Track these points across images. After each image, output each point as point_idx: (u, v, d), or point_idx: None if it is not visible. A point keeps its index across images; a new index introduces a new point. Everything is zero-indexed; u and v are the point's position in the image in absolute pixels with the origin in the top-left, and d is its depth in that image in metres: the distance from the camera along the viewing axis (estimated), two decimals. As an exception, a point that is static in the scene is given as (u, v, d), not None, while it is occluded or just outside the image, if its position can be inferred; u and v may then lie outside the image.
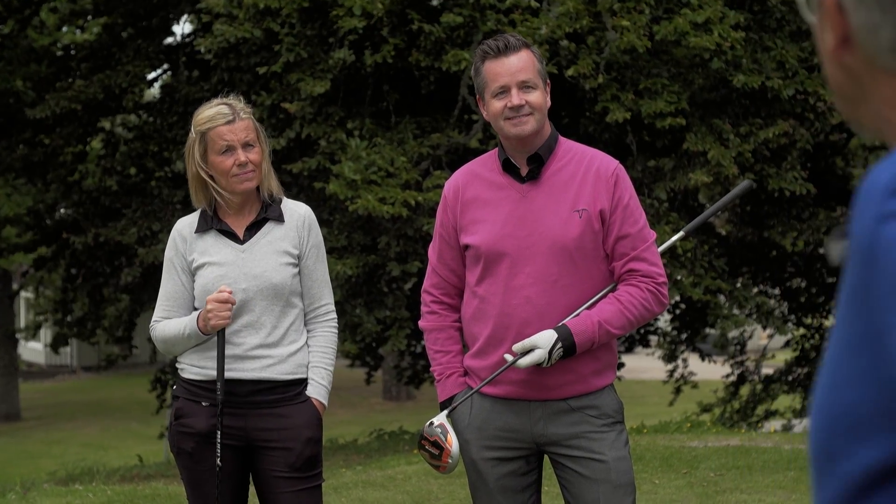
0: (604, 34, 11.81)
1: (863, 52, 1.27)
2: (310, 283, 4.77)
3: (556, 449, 4.30)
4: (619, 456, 4.27)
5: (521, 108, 4.19)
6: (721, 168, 11.75)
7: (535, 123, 4.21)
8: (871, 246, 1.16)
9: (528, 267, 4.18)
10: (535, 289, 4.19)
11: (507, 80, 4.20)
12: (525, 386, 4.26)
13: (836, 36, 1.29)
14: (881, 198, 1.17)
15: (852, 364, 1.20)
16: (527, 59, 4.23)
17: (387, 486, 9.32)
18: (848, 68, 1.30)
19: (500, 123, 4.24)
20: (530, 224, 4.22)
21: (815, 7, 1.33)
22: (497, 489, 4.35)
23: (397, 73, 12.96)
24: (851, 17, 1.27)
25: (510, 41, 4.23)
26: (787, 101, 12.41)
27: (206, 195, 4.73)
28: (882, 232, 1.15)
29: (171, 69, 16.78)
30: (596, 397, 4.30)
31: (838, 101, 1.35)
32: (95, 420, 29.07)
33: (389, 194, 11.39)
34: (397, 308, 12.82)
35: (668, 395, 20.14)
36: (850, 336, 1.20)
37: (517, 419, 4.30)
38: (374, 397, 32.06)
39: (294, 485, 4.68)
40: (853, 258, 1.19)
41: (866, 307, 1.17)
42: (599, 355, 4.29)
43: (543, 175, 4.27)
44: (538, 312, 4.19)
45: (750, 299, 13.16)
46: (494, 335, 4.26)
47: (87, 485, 10.81)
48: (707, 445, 10.57)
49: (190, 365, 4.74)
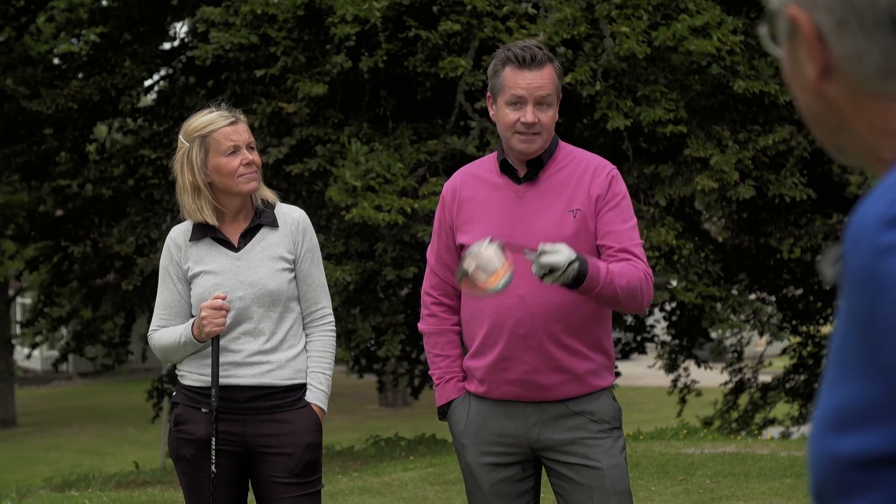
0: (601, 41, 11.82)
1: (846, 81, 1.26)
2: (306, 288, 4.76)
3: (551, 455, 4.28)
4: (615, 463, 4.25)
5: (534, 125, 4.19)
6: (723, 174, 11.75)
7: (542, 142, 4.23)
8: (872, 279, 1.16)
9: (523, 266, 4.13)
10: (528, 288, 4.17)
11: (524, 94, 4.19)
12: (521, 386, 4.25)
13: (816, 66, 1.28)
14: (876, 229, 1.17)
15: (858, 392, 1.19)
16: (548, 76, 4.21)
17: (383, 492, 9.31)
18: (827, 98, 1.29)
19: (509, 135, 4.23)
20: (525, 224, 4.23)
21: (784, 39, 1.32)
22: (493, 495, 4.33)
23: (394, 79, 12.97)
24: (834, 46, 1.26)
25: (537, 55, 4.20)
26: (784, 107, 12.42)
27: (200, 205, 4.69)
28: (883, 266, 1.15)
29: (168, 75, 16.78)
30: (593, 400, 4.29)
31: (816, 131, 1.34)
32: (92, 426, 29.03)
33: (386, 202, 11.39)
34: (392, 314, 12.81)
35: (663, 401, 20.15)
36: (854, 363, 1.20)
37: (513, 424, 4.29)
38: (370, 404, 32.04)
39: (294, 490, 4.67)
40: (852, 287, 1.19)
41: (874, 338, 1.17)
42: (594, 356, 4.29)
43: (541, 177, 4.28)
44: (531, 312, 4.20)
45: (745, 304, 13.16)
46: (490, 335, 4.27)
47: (83, 491, 10.80)
48: (703, 452, 10.57)
49: (189, 372, 4.73)
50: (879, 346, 1.16)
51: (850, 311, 1.20)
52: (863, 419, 1.19)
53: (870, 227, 1.17)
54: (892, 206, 1.17)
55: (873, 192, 1.20)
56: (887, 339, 1.15)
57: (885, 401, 1.17)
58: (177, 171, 4.73)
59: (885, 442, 1.18)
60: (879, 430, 1.18)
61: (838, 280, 1.22)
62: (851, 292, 1.19)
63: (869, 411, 1.18)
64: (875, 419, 1.18)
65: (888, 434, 1.17)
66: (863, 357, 1.19)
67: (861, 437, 1.19)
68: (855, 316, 1.19)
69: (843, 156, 1.33)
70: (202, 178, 4.66)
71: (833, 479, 1.22)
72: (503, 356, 4.25)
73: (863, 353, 1.18)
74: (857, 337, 1.19)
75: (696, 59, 11.70)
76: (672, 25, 11.64)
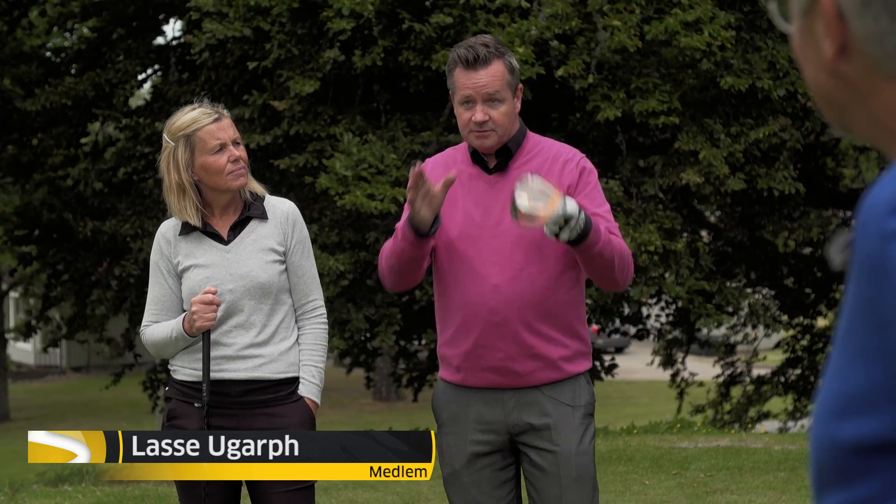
0: (594, 35, 11.80)
1: (864, 60, 1.25)
2: (297, 280, 4.74)
3: (525, 439, 4.33)
4: (583, 450, 4.31)
5: (485, 123, 4.25)
6: (712, 168, 11.77)
7: (497, 138, 4.29)
8: (879, 264, 1.16)
9: (496, 255, 4.24)
10: (502, 277, 4.24)
11: (472, 94, 4.26)
12: (497, 373, 4.30)
13: (834, 44, 1.27)
14: (884, 215, 1.16)
15: (861, 378, 1.19)
16: (495, 72, 4.25)
17: (377, 486, 9.30)
18: (843, 76, 1.28)
19: (465, 133, 4.32)
20: (497, 213, 4.27)
21: (797, 15, 1.31)
22: (472, 483, 4.36)
23: (388, 73, 12.95)
24: (854, 24, 1.25)
25: (480, 53, 4.24)
26: (777, 101, 12.42)
27: (184, 205, 4.66)
28: (890, 251, 1.15)
29: (162, 70, 16.73)
30: (569, 386, 4.34)
31: (825, 107, 1.33)
32: (85, 420, 29.00)
33: (379, 191, 11.39)
34: (386, 305, 12.81)
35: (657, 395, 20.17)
36: (859, 348, 1.19)
37: (491, 411, 4.32)
38: (363, 398, 32.02)
39: (287, 485, 4.65)
40: (859, 272, 1.19)
41: (878, 323, 1.17)
42: (568, 343, 4.33)
43: (511, 167, 4.34)
44: (506, 301, 4.24)
45: (741, 296, 13.16)
46: (464, 322, 4.31)
47: (76, 486, 10.79)
48: (697, 446, 10.57)
49: (182, 366, 4.71)
50: (884, 332, 1.16)
51: (856, 297, 1.20)
52: (864, 405, 1.18)
53: (878, 212, 1.17)
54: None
55: (884, 177, 1.19)
56: (892, 324, 1.15)
57: (885, 387, 1.17)
58: (163, 171, 4.71)
59: (884, 428, 1.17)
60: (880, 416, 1.17)
61: (846, 266, 1.21)
62: (858, 278, 1.19)
63: (870, 397, 1.18)
64: (876, 405, 1.18)
65: (887, 419, 1.17)
66: (867, 343, 1.18)
67: (862, 423, 1.19)
68: (861, 301, 1.19)
69: (849, 134, 1.33)
70: (188, 178, 4.64)
71: (833, 466, 1.22)
72: (479, 344, 4.28)
73: (867, 338, 1.18)
74: (863, 323, 1.19)
75: (689, 53, 11.70)
76: (664, 20, 11.64)
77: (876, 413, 1.17)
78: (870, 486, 1.19)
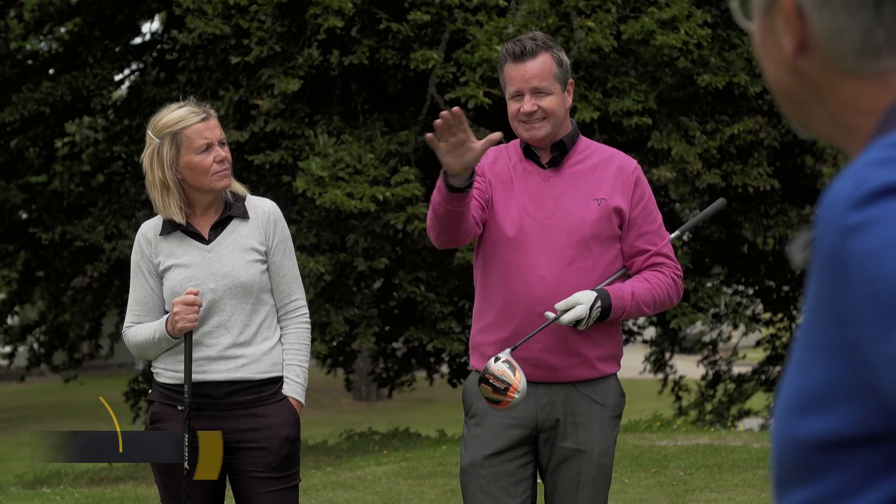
0: (571, 34, 11.80)
1: (823, 57, 1.26)
2: (278, 280, 4.74)
3: (551, 434, 4.36)
4: (606, 451, 4.37)
5: (534, 113, 4.31)
6: (685, 164, 11.81)
7: (550, 127, 4.34)
8: (840, 258, 1.16)
9: (546, 247, 4.29)
10: (549, 269, 4.29)
11: (520, 86, 4.32)
12: (532, 365, 4.29)
13: (794, 41, 1.27)
14: (844, 210, 1.17)
15: (823, 373, 1.19)
16: (543, 65, 4.31)
17: (356, 486, 9.29)
18: (802, 73, 1.28)
19: (515, 125, 4.37)
20: (550, 206, 4.34)
21: (757, 13, 1.31)
22: (491, 477, 4.36)
23: (366, 72, 12.93)
24: (813, 21, 1.25)
25: (527, 46, 4.31)
26: (754, 98, 12.46)
27: (168, 203, 4.64)
28: (850, 246, 1.15)
29: (140, 69, 16.67)
30: (602, 386, 4.39)
31: (785, 105, 1.34)
32: (64, 422, 28.89)
33: (357, 190, 11.37)
34: (365, 306, 12.78)
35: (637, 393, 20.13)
36: (820, 344, 1.20)
37: (523, 405, 4.29)
38: (343, 398, 31.97)
39: (271, 485, 4.66)
40: (820, 267, 1.19)
41: (839, 317, 1.17)
42: (605, 343, 4.38)
43: (564, 164, 4.40)
44: (550, 292, 4.27)
45: (718, 295, 13.18)
46: (505, 310, 4.34)
47: (55, 487, 10.75)
48: (676, 444, 10.58)
49: (164, 369, 4.70)
50: (844, 327, 1.16)
51: (817, 293, 1.20)
52: (825, 401, 1.19)
53: (838, 207, 1.17)
54: (859, 186, 1.16)
55: (842, 174, 1.19)
56: (852, 319, 1.15)
57: (847, 382, 1.17)
58: (146, 167, 4.69)
59: (846, 423, 1.17)
60: (840, 411, 1.18)
61: (807, 264, 1.21)
62: (820, 273, 1.19)
63: (831, 393, 1.18)
64: (837, 401, 1.18)
65: (848, 415, 1.17)
66: (828, 338, 1.18)
67: (823, 418, 1.19)
68: (822, 297, 1.19)
69: (808, 131, 1.33)
70: (172, 176, 4.62)
71: (794, 462, 1.22)
72: (517, 333, 4.30)
73: (828, 334, 1.18)
74: (824, 318, 1.19)
75: (666, 52, 11.72)
76: (640, 19, 11.66)
77: (837, 408, 1.18)
78: (831, 482, 1.19)
